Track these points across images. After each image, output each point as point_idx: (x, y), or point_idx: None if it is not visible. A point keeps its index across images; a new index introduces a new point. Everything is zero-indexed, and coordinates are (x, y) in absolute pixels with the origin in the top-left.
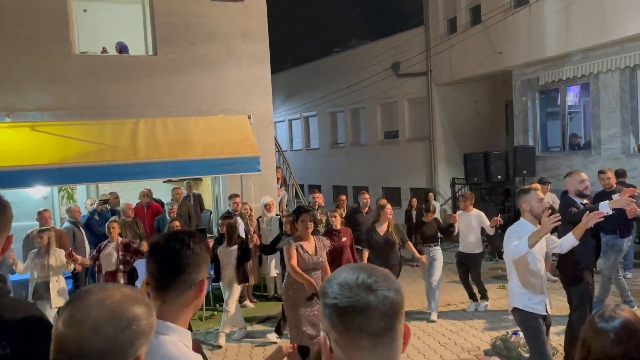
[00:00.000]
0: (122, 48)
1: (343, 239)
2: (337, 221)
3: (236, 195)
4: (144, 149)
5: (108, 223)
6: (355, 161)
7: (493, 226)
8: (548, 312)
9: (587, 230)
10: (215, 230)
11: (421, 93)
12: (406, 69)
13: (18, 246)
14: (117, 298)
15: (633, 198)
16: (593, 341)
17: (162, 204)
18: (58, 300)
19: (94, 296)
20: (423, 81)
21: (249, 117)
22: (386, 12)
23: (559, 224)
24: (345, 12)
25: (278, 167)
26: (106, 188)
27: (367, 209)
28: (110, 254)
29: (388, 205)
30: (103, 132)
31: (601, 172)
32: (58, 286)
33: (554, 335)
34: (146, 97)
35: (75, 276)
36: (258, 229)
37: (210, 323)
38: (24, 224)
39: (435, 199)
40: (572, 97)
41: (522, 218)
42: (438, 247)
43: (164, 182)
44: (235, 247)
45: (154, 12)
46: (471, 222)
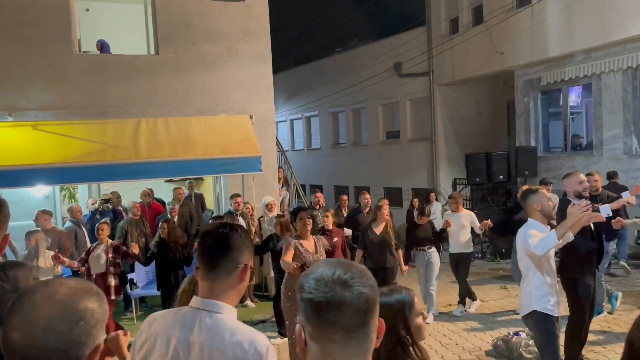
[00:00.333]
0: (104, 46)
1: (335, 239)
2: (329, 221)
3: (238, 195)
4: (146, 149)
5: (97, 224)
6: (356, 161)
7: (482, 229)
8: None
9: (589, 233)
10: None
11: (423, 93)
12: (408, 69)
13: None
14: (64, 292)
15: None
16: None
17: (164, 204)
18: None
19: (39, 294)
20: (425, 81)
21: (251, 117)
22: (388, 12)
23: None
24: (347, 12)
25: (279, 167)
26: (107, 187)
27: (368, 209)
28: (99, 256)
29: (385, 205)
30: (104, 132)
31: (589, 175)
32: None
33: None
34: (148, 97)
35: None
36: (259, 229)
37: None
38: (25, 224)
39: (436, 199)
40: (574, 98)
41: (531, 218)
42: (433, 250)
43: (166, 182)
44: None
45: (156, 12)
46: (462, 222)
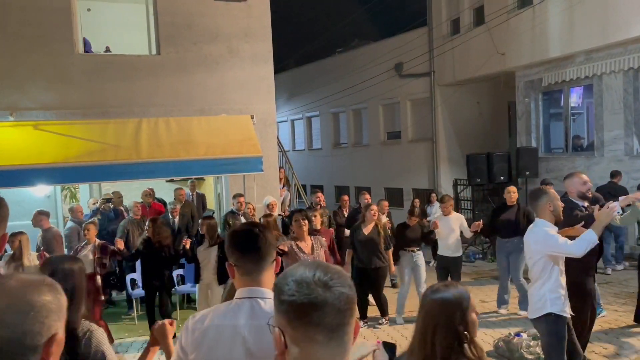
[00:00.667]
0: (86, 44)
1: (322, 240)
2: (317, 221)
3: (240, 194)
4: (147, 149)
5: (84, 224)
6: (357, 161)
7: (473, 231)
8: None
9: None
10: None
11: (424, 94)
12: (409, 70)
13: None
14: (14, 285)
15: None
16: None
17: (165, 204)
18: None
19: None
20: (426, 82)
21: (252, 117)
22: (389, 13)
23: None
24: (348, 13)
25: (280, 167)
26: (109, 187)
27: None
28: (85, 257)
29: (374, 205)
30: (106, 132)
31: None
32: None
33: None
34: (149, 97)
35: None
36: None
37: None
38: (26, 223)
39: (437, 200)
40: (575, 99)
41: (540, 218)
42: (421, 253)
43: (167, 182)
44: (215, 248)
45: (157, 12)
46: (451, 225)
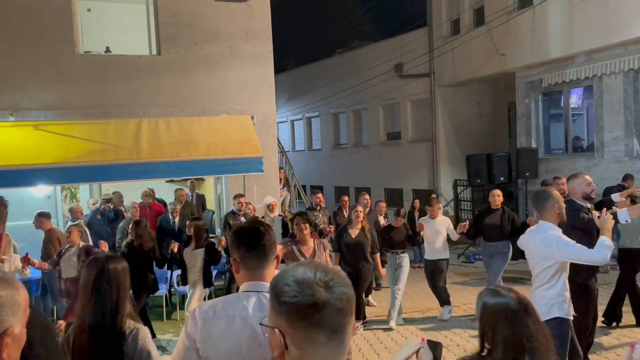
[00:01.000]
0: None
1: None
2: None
3: (241, 195)
4: (147, 149)
5: (68, 227)
6: (357, 162)
7: (460, 232)
8: None
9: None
10: (217, 230)
11: (424, 94)
12: (409, 70)
13: (22, 245)
14: None
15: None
16: None
17: (165, 204)
18: None
19: None
20: (426, 82)
21: (252, 118)
22: (389, 13)
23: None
24: (348, 13)
25: (280, 168)
26: (109, 188)
27: (368, 210)
28: (69, 259)
29: (360, 207)
30: (106, 132)
31: (556, 178)
32: None
33: None
34: (149, 97)
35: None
36: None
37: (174, 327)
38: (26, 223)
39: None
40: (576, 99)
41: (546, 221)
42: (405, 255)
43: (167, 182)
44: (201, 251)
45: (158, 12)
46: (437, 228)
